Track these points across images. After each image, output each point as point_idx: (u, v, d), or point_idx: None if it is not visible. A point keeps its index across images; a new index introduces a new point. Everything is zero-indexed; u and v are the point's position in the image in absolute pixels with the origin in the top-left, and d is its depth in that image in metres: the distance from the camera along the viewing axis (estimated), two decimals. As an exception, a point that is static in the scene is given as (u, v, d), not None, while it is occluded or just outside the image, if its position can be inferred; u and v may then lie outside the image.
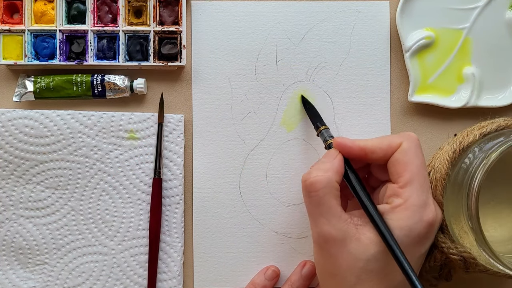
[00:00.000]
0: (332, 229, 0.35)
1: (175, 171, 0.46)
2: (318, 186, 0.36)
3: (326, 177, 0.36)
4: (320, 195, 0.36)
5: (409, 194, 0.35)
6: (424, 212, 0.35)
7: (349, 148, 0.38)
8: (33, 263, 0.46)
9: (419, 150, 0.37)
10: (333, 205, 0.36)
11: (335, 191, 0.36)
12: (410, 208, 0.35)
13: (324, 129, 0.42)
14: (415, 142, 0.37)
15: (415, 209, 0.35)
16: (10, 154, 0.45)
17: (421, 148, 0.37)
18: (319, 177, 0.36)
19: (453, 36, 0.46)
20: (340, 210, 0.36)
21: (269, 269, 0.45)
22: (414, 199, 0.35)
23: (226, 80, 0.47)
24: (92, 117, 0.45)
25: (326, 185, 0.36)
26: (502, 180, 0.42)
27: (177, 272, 0.46)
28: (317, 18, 0.47)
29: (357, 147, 0.38)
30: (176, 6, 0.46)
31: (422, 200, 0.35)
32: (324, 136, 0.42)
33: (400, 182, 0.36)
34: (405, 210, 0.35)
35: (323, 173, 0.36)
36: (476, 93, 0.45)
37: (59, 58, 0.45)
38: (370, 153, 0.37)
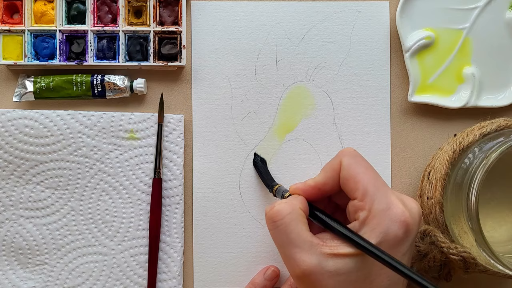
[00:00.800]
0: (306, 256, 0.34)
1: (175, 171, 0.46)
2: (283, 213, 0.35)
3: (290, 204, 0.36)
4: (287, 222, 0.35)
5: (370, 203, 0.34)
6: (391, 213, 0.34)
7: (303, 190, 0.38)
8: (33, 263, 0.46)
9: (359, 159, 0.37)
10: (302, 231, 0.35)
11: (302, 218, 0.35)
12: (376, 215, 0.34)
13: (279, 187, 0.42)
14: (352, 154, 0.37)
15: (382, 214, 0.34)
16: (10, 154, 0.45)
17: (359, 155, 0.37)
18: (283, 205, 0.36)
19: (453, 36, 0.46)
20: (310, 235, 0.35)
21: (269, 269, 0.45)
22: (377, 205, 0.34)
23: (226, 80, 0.47)
24: (92, 117, 0.45)
25: (291, 211, 0.35)
26: (502, 181, 0.42)
27: (177, 272, 0.46)
28: (317, 18, 0.47)
29: (309, 187, 0.37)
30: (176, 6, 0.46)
31: (384, 203, 0.34)
32: (281, 192, 0.41)
33: (357, 196, 0.35)
34: (373, 219, 0.34)
35: (285, 202, 0.36)
36: (476, 93, 0.45)
37: (59, 58, 0.45)
38: (323, 186, 0.37)
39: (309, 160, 0.46)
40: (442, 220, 0.40)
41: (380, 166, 0.46)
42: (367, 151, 0.46)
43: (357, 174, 0.36)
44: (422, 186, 0.43)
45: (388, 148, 0.46)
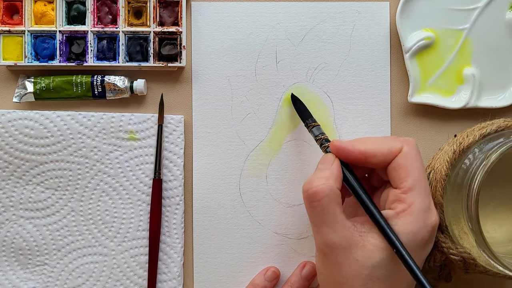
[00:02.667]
0: (337, 237, 0.35)
1: (175, 172, 0.46)
2: (321, 195, 0.35)
3: (328, 185, 0.36)
4: (324, 204, 0.35)
5: (412, 199, 0.35)
6: (428, 216, 0.35)
7: (348, 152, 0.37)
8: (33, 264, 0.46)
9: (419, 155, 0.37)
10: (337, 213, 0.35)
11: (338, 199, 0.36)
12: (414, 213, 0.35)
13: (315, 126, 0.42)
14: (415, 147, 0.37)
15: (420, 214, 0.35)
16: (10, 155, 0.45)
17: (419, 153, 0.38)
18: (321, 186, 0.35)
19: (453, 36, 0.46)
20: (343, 217, 0.36)
21: (269, 270, 0.45)
22: (418, 204, 0.35)
23: (226, 81, 0.47)
24: (92, 118, 0.45)
25: (329, 194, 0.35)
26: (502, 181, 0.42)
27: (177, 273, 0.46)
28: (317, 19, 0.47)
29: (357, 151, 0.37)
30: (176, 7, 0.46)
31: (425, 204, 0.35)
32: (316, 134, 0.41)
33: (403, 188, 0.36)
34: (410, 215, 0.35)
35: (324, 181, 0.36)
36: (476, 93, 0.45)
37: (59, 59, 0.45)
38: (371, 157, 0.37)
39: (309, 160, 0.46)
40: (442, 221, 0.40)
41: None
42: (367, 152, 0.46)
43: (412, 167, 0.36)
44: (422, 186, 0.43)
45: (388, 149, 0.46)
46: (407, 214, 0.35)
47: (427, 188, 0.36)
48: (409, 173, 0.36)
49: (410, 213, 0.35)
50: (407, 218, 0.35)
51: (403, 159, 0.36)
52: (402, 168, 0.36)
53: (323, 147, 0.40)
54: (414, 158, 0.36)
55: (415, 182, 0.35)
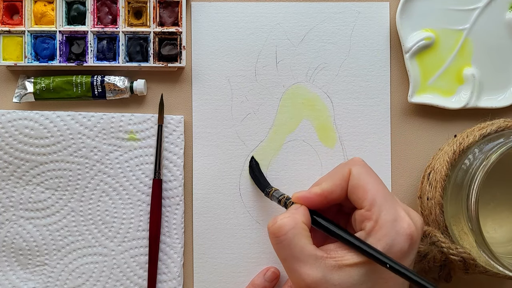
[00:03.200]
0: (310, 270, 0.34)
1: (175, 172, 0.46)
2: (286, 229, 0.35)
3: (292, 218, 0.35)
4: (290, 238, 0.34)
5: (378, 214, 0.34)
6: (398, 226, 0.34)
7: (308, 198, 0.37)
8: (33, 264, 0.46)
9: (369, 169, 0.37)
10: (306, 246, 0.34)
11: (305, 232, 0.35)
12: (383, 226, 0.34)
13: (274, 191, 0.42)
14: (362, 164, 0.37)
15: (389, 226, 0.34)
16: (10, 155, 0.45)
17: (370, 167, 0.37)
18: (285, 220, 0.35)
19: (453, 37, 0.46)
20: (314, 248, 0.35)
21: (269, 270, 0.45)
22: (384, 217, 0.34)
23: (226, 81, 0.47)
24: (92, 118, 0.45)
25: (294, 226, 0.35)
26: (502, 182, 0.42)
27: (177, 273, 0.46)
28: (317, 19, 0.47)
29: (315, 196, 0.37)
30: (176, 7, 0.46)
31: (391, 214, 0.34)
32: (277, 197, 0.41)
33: (365, 206, 0.35)
34: (379, 230, 0.34)
35: (289, 215, 0.35)
36: (476, 94, 0.45)
37: (59, 59, 0.45)
38: (330, 195, 0.36)
39: (309, 161, 0.46)
40: (442, 221, 0.40)
41: (380, 167, 0.46)
42: (367, 152, 0.46)
43: (366, 183, 0.35)
44: (422, 187, 0.43)
45: (388, 149, 0.46)
46: (376, 230, 0.34)
47: (389, 198, 0.35)
48: (366, 190, 0.35)
49: (379, 229, 0.34)
50: (378, 234, 0.34)
51: (356, 180, 0.36)
52: (358, 188, 0.35)
53: (288, 203, 0.39)
54: (366, 174, 0.36)
55: (374, 196, 0.35)
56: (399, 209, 0.35)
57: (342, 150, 0.46)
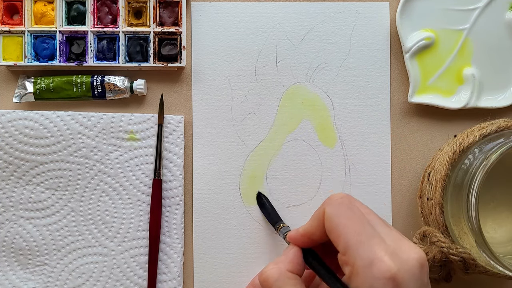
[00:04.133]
0: None
1: (175, 172, 0.46)
2: (271, 280, 0.35)
3: (277, 269, 0.35)
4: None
5: (353, 259, 0.32)
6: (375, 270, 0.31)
7: (296, 239, 0.37)
8: (33, 264, 0.46)
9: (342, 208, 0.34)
10: None
11: (289, 280, 0.35)
12: (359, 273, 0.32)
13: (283, 227, 0.42)
14: (335, 203, 0.35)
15: (364, 272, 0.31)
16: (10, 155, 0.45)
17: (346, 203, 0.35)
18: (270, 271, 0.35)
19: (453, 37, 0.46)
20: None
21: (270, 270, 0.45)
22: (359, 262, 0.32)
23: (226, 81, 0.47)
24: (92, 118, 0.45)
25: (279, 277, 0.34)
26: (502, 182, 0.42)
27: (177, 273, 0.46)
28: (317, 19, 0.47)
29: (300, 236, 0.37)
30: (176, 7, 0.46)
31: (366, 259, 0.31)
32: (282, 233, 0.41)
33: (341, 250, 0.33)
34: (356, 276, 0.32)
35: (274, 266, 0.35)
36: (476, 94, 0.45)
37: (59, 59, 0.45)
38: (312, 236, 0.36)
39: (309, 161, 0.46)
40: (442, 221, 0.40)
41: (380, 167, 0.46)
42: (367, 152, 0.46)
43: (337, 226, 0.33)
44: (422, 187, 0.43)
45: (388, 149, 0.46)
46: (354, 276, 0.32)
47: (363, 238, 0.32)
48: (338, 234, 0.33)
49: (356, 275, 0.32)
50: (356, 280, 0.32)
51: (328, 222, 0.34)
52: (331, 231, 0.34)
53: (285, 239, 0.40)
54: (337, 216, 0.34)
55: (346, 240, 0.33)
56: (377, 251, 0.32)
57: (342, 150, 0.46)
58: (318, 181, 0.46)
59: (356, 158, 0.46)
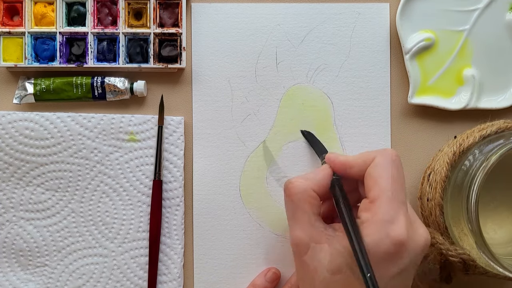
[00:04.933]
0: (303, 234, 0.35)
1: (175, 173, 0.46)
2: (293, 191, 0.36)
3: (302, 183, 0.36)
4: (295, 200, 0.36)
5: (377, 209, 0.34)
6: (391, 228, 0.33)
7: (333, 162, 0.38)
8: (33, 265, 0.46)
9: (391, 164, 0.36)
10: (308, 212, 0.36)
11: (311, 199, 0.36)
12: (376, 222, 0.33)
13: None
14: (388, 157, 0.36)
15: (382, 224, 0.33)
16: (11, 156, 0.45)
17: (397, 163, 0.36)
18: (296, 183, 0.37)
19: (453, 38, 0.46)
20: (314, 218, 0.36)
21: (270, 271, 0.45)
22: (381, 214, 0.33)
23: (226, 82, 0.47)
24: (92, 119, 0.45)
25: (302, 192, 0.36)
26: (502, 183, 0.42)
27: (177, 274, 0.46)
28: (317, 20, 0.47)
29: (338, 162, 0.38)
30: (176, 8, 0.46)
31: (389, 215, 0.33)
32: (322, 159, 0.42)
33: (370, 197, 0.35)
34: (372, 225, 0.33)
35: (302, 181, 0.37)
36: (476, 95, 0.45)
37: (59, 60, 0.45)
38: (349, 168, 0.37)
39: (309, 162, 0.46)
40: (442, 222, 0.41)
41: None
42: (367, 153, 0.46)
43: (379, 176, 0.35)
44: (422, 188, 0.43)
45: (388, 150, 0.46)
46: (369, 224, 0.34)
47: (396, 199, 0.34)
48: (376, 183, 0.35)
49: (372, 223, 0.33)
50: (369, 228, 0.33)
51: (373, 169, 0.36)
52: (371, 177, 0.35)
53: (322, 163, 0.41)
54: (384, 168, 0.35)
55: (380, 191, 0.34)
56: (401, 214, 0.34)
57: (343, 151, 0.46)
58: (318, 182, 0.46)
59: (356, 159, 0.46)
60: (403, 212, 0.34)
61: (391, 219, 0.33)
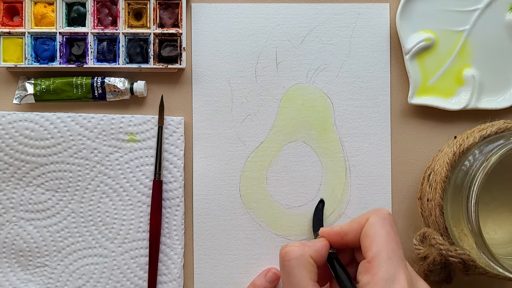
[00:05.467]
0: None
1: (175, 174, 0.46)
2: (290, 256, 0.36)
3: (300, 249, 0.36)
4: (292, 265, 0.35)
5: (377, 269, 0.33)
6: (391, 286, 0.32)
7: (327, 234, 0.38)
8: (33, 266, 0.46)
9: (386, 222, 0.35)
10: (304, 279, 0.35)
11: (308, 266, 0.36)
12: (378, 283, 0.33)
13: None
14: (382, 216, 0.36)
15: (384, 284, 0.32)
16: (11, 156, 0.45)
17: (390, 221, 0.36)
18: (293, 248, 0.36)
19: (453, 38, 0.46)
20: (310, 283, 0.35)
21: (270, 271, 0.45)
22: (382, 274, 0.33)
23: (226, 82, 0.47)
24: (92, 119, 0.45)
25: (299, 257, 0.36)
26: (502, 183, 0.42)
27: (177, 274, 0.46)
28: (317, 20, 0.47)
29: (333, 232, 0.38)
30: (176, 9, 0.46)
31: (390, 274, 0.33)
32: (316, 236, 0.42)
33: (368, 256, 0.34)
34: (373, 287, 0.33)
35: (299, 245, 0.36)
36: (476, 95, 0.45)
37: (59, 60, 0.45)
38: (345, 236, 0.37)
39: (309, 162, 0.46)
40: (442, 223, 0.41)
41: (380, 168, 0.46)
42: (367, 153, 0.46)
43: (376, 235, 0.35)
44: (422, 188, 0.43)
45: (388, 150, 0.46)
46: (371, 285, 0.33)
47: (395, 257, 0.34)
48: (373, 241, 0.34)
49: (374, 284, 0.33)
50: None
51: (368, 228, 0.35)
52: (367, 236, 0.35)
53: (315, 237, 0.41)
54: (379, 226, 0.35)
55: (378, 250, 0.34)
56: (400, 272, 0.33)
57: (342, 151, 0.46)
58: (319, 182, 0.46)
59: (356, 160, 0.46)
60: (403, 269, 0.33)
61: (392, 277, 0.33)
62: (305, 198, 0.46)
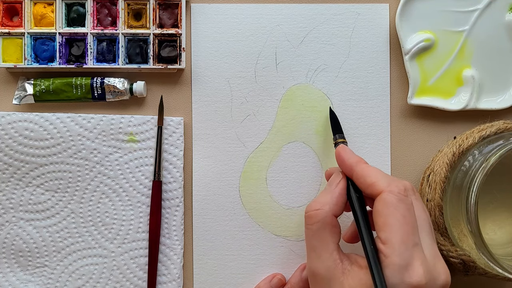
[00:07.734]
0: (320, 266, 0.35)
1: (174, 174, 0.46)
2: (313, 220, 0.36)
3: (323, 211, 0.36)
4: (315, 229, 0.36)
5: (390, 251, 0.32)
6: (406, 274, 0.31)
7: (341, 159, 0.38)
8: (33, 266, 0.46)
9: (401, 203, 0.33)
10: (327, 241, 0.35)
11: (331, 227, 0.36)
12: (390, 266, 0.32)
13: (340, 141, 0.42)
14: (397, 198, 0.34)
15: (395, 269, 0.32)
16: (10, 157, 0.45)
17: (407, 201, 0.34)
18: (316, 212, 0.36)
19: (453, 38, 0.46)
20: (333, 248, 0.35)
21: (275, 277, 0.45)
22: (395, 259, 0.32)
23: (226, 83, 0.47)
24: (91, 120, 0.45)
25: (322, 220, 0.36)
26: (502, 184, 0.42)
27: (176, 275, 0.46)
28: (317, 20, 0.47)
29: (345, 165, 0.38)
30: (176, 9, 0.46)
31: (403, 260, 0.32)
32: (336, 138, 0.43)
33: (381, 237, 0.33)
34: (386, 269, 0.32)
35: (321, 207, 0.36)
36: (476, 95, 0.45)
37: (59, 61, 0.45)
38: (355, 178, 0.37)
39: (309, 162, 0.46)
40: (441, 223, 0.41)
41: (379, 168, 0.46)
42: (367, 154, 0.46)
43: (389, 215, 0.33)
44: (421, 188, 0.43)
45: (387, 151, 0.46)
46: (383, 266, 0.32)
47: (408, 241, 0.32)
48: (386, 223, 0.33)
49: (386, 266, 0.32)
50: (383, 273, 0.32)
51: (381, 206, 0.34)
52: (380, 215, 0.34)
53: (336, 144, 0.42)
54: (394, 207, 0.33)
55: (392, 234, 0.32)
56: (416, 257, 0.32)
57: (342, 151, 0.46)
58: (318, 183, 0.46)
59: (356, 160, 0.46)
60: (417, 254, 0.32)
61: (405, 264, 0.32)
62: (304, 199, 0.46)
